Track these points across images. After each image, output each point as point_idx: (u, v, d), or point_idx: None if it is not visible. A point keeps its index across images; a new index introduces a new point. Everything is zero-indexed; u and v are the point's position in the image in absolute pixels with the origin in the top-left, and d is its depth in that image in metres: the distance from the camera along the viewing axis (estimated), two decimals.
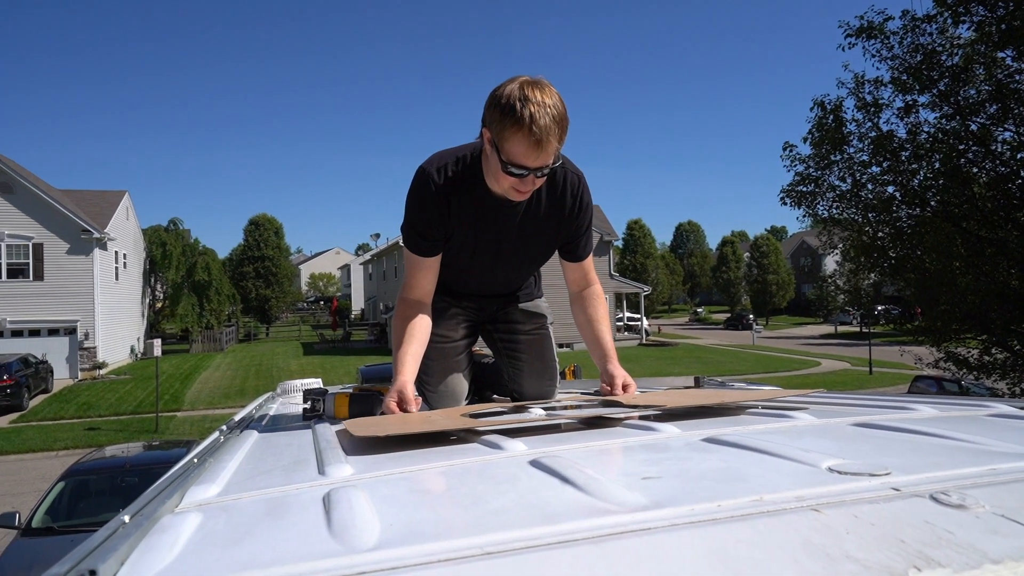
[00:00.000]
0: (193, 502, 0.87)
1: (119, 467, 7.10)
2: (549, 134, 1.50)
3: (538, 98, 1.48)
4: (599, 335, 1.95)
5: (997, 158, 10.42)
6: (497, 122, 1.52)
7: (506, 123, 1.50)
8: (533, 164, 1.55)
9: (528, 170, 1.55)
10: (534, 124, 1.47)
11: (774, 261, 54.75)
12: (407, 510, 0.75)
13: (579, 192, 1.82)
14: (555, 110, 1.50)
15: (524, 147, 1.51)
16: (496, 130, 1.54)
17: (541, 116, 1.47)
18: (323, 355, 30.77)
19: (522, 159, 1.54)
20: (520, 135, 1.49)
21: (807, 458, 0.85)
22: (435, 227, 1.77)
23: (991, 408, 1.29)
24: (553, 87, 1.54)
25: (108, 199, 28.02)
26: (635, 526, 0.62)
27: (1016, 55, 9.90)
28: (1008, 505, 0.64)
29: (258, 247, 41.05)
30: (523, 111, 1.47)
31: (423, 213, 1.76)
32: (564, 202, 1.81)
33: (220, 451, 1.38)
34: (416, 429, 1.27)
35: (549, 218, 1.82)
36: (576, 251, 1.95)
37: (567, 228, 1.86)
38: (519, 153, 1.53)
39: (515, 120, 1.48)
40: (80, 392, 20.41)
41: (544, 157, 1.54)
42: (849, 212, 12.11)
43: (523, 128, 1.48)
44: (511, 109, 1.48)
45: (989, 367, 11.02)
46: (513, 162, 1.54)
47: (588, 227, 1.92)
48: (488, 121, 1.57)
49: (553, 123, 1.49)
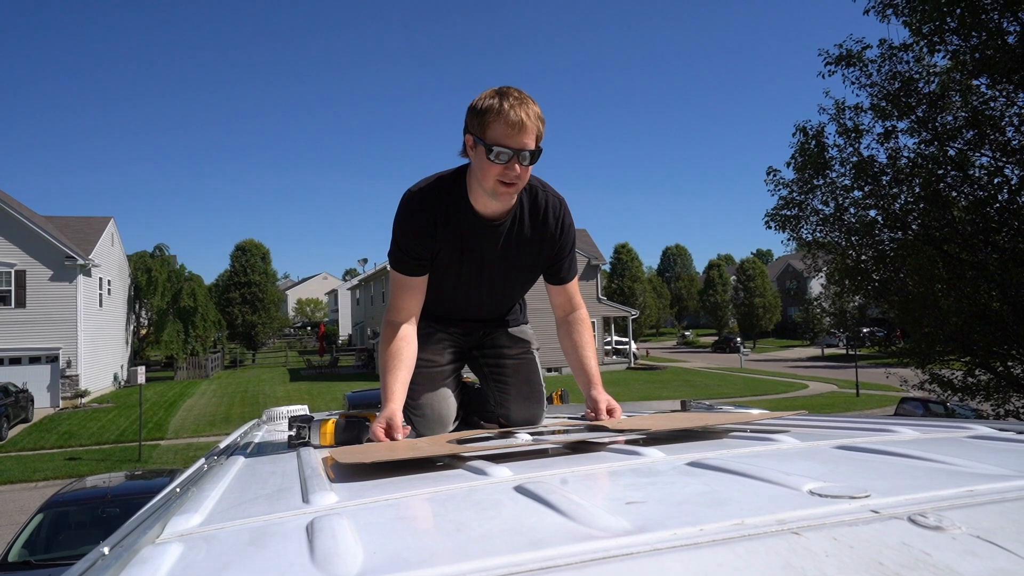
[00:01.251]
0: (175, 532, 0.87)
1: (100, 498, 6.94)
2: (528, 116, 1.61)
3: (515, 94, 1.64)
4: (584, 360, 1.97)
5: (975, 182, 10.62)
6: (477, 118, 1.64)
7: (486, 115, 1.63)
8: (516, 144, 1.62)
9: (512, 150, 1.62)
10: (512, 108, 1.61)
11: (760, 284, 55.19)
12: (391, 538, 0.75)
13: (561, 214, 1.87)
14: (529, 101, 1.64)
15: (505, 127, 1.61)
16: (477, 125, 1.65)
17: (519, 103, 1.62)
18: (310, 381, 30.48)
19: (504, 139, 1.62)
20: (501, 118, 1.61)
21: (789, 481, 0.86)
22: (421, 246, 1.81)
23: (971, 430, 1.31)
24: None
25: (93, 225, 27.85)
26: (618, 551, 0.63)
27: (990, 83, 10.15)
28: (984, 526, 0.64)
29: (244, 272, 40.83)
30: (502, 101, 1.62)
31: (409, 233, 1.80)
32: (547, 224, 1.86)
33: (203, 480, 1.36)
34: (402, 456, 1.27)
35: (532, 240, 1.87)
36: (560, 274, 1.99)
37: (550, 250, 1.91)
38: (501, 134, 1.62)
39: (494, 108, 1.61)
40: (61, 421, 20.06)
41: (525, 138, 1.63)
42: (832, 235, 12.27)
43: (503, 112, 1.61)
44: (489, 104, 1.63)
45: (973, 389, 11.11)
46: (497, 143, 1.62)
47: (571, 250, 1.96)
48: (469, 125, 1.67)
49: (530, 110, 1.62)
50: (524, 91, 1.67)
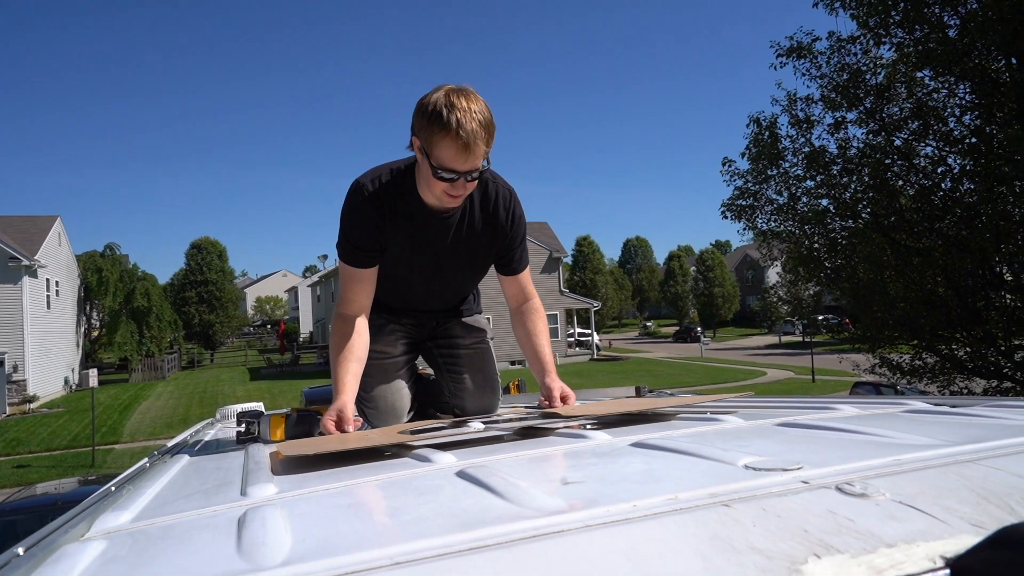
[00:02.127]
0: (101, 530, 0.83)
1: (50, 505, 6.67)
2: (476, 138, 1.53)
3: (464, 104, 1.52)
4: (538, 348, 1.96)
5: (920, 172, 10.96)
6: (425, 129, 1.55)
7: (434, 129, 1.53)
8: (462, 168, 1.57)
9: (458, 174, 1.58)
10: (461, 129, 1.50)
11: (719, 274, 56.19)
12: (323, 525, 0.73)
13: (511, 205, 1.86)
14: (481, 115, 1.54)
15: (453, 151, 1.54)
16: (424, 136, 1.56)
17: (468, 121, 1.51)
18: (271, 380, 29.95)
19: (451, 163, 1.56)
20: (448, 140, 1.52)
21: (726, 457, 0.87)
22: (370, 238, 1.78)
23: (907, 405, 1.35)
24: (479, 95, 1.58)
25: (39, 224, 26.82)
26: (548, 529, 0.62)
27: (933, 75, 10.48)
28: (906, 492, 0.66)
29: (201, 271, 39.90)
30: (450, 117, 1.50)
31: (358, 224, 1.76)
32: (497, 215, 1.84)
33: (141, 478, 1.32)
34: (350, 447, 1.25)
35: (483, 232, 1.85)
36: (512, 264, 1.97)
37: (501, 241, 1.89)
38: (448, 157, 1.55)
39: (442, 126, 1.51)
40: (8, 428, 19.31)
41: (473, 160, 1.57)
42: (787, 225, 12.53)
43: (450, 133, 1.51)
44: (438, 115, 1.51)
45: (920, 371, 11.50)
46: (443, 166, 1.57)
47: (522, 240, 1.95)
48: (416, 129, 1.59)
49: (480, 127, 1.53)
50: (474, 95, 1.57)
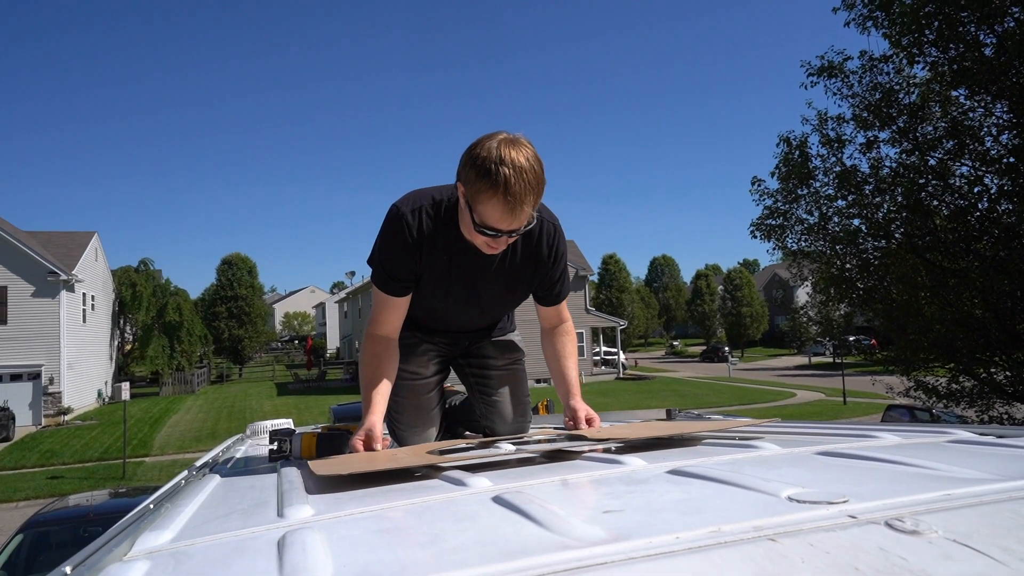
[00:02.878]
0: (143, 550, 0.84)
1: (82, 517, 6.80)
2: (523, 202, 1.47)
3: (515, 160, 1.45)
4: (565, 371, 1.95)
5: (956, 191, 10.76)
6: (473, 183, 1.48)
7: (481, 185, 1.46)
8: (506, 228, 1.53)
9: (501, 232, 1.54)
10: (509, 191, 1.44)
11: (747, 294, 55.52)
12: (363, 551, 0.73)
13: (555, 242, 1.81)
14: (531, 174, 1.46)
15: (499, 212, 1.49)
16: (471, 190, 1.50)
17: (516, 182, 1.44)
18: (297, 395, 30.24)
19: (495, 223, 1.51)
20: (495, 200, 1.47)
21: (768, 487, 0.85)
22: (406, 269, 1.75)
23: (951, 435, 1.31)
24: (531, 146, 1.51)
25: (76, 240, 27.59)
26: (591, 560, 0.62)
27: (968, 94, 10.32)
28: (960, 530, 0.64)
29: (231, 287, 40.57)
30: (498, 176, 1.44)
31: (394, 255, 1.72)
32: (540, 252, 1.80)
33: (179, 496, 1.34)
34: (381, 467, 1.25)
35: (525, 266, 1.81)
36: (551, 297, 1.95)
37: (543, 275, 1.86)
38: (493, 217, 1.50)
39: (490, 183, 1.45)
40: (43, 439, 19.74)
41: (517, 221, 1.52)
42: (817, 244, 12.36)
43: (498, 194, 1.45)
44: (486, 172, 1.45)
45: (957, 395, 11.20)
46: (486, 224, 1.52)
47: (563, 273, 1.91)
48: (463, 178, 1.53)
49: (528, 188, 1.46)
50: (527, 148, 1.49)
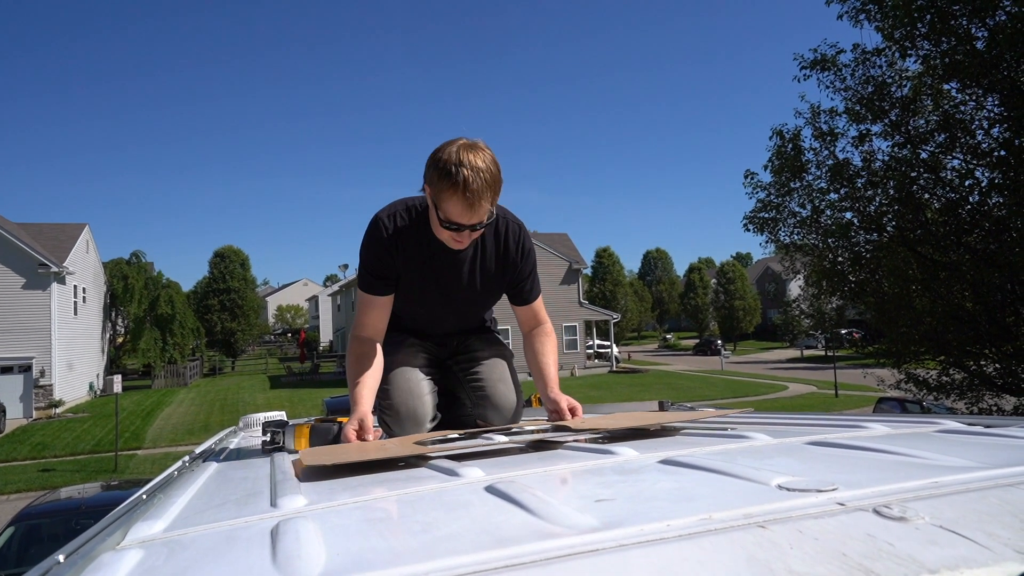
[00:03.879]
0: (136, 539, 0.85)
1: (74, 510, 6.78)
2: (481, 197, 1.65)
3: (472, 162, 1.63)
4: (543, 367, 2.05)
5: (947, 185, 10.81)
6: (435, 183, 1.67)
7: (443, 185, 1.65)
8: (467, 222, 1.70)
9: (462, 227, 1.71)
10: (467, 189, 1.63)
11: (740, 287, 55.69)
12: (356, 539, 0.74)
13: (520, 239, 1.99)
14: (487, 174, 1.65)
15: (459, 208, 1.66)
16: (435, 190, 1.69)
17: (474, 180, 1.63)
18: (291, 388, 30.19)
19: (457, 217, 1.69)
20: (456, 198, 1.65)
21: (758, 476, 0.86)
22: (385, 267, 1.91)
23: (940, 425, 1.33)
24: (489, 150, 1.70)
25: (67, 232, 27.39)
26: (583, 548, 0.62)
27: (960, 87, 10.35)
28: (947, 516, 0.65)
29: (223, 279, 40.42)
30: (457, 176, 1.62)
31: (374, 254, 1.90)
32: (508, 249, 1.97)
33: (171, 486, 1.34)
34: (372, 456, 1.26)
35: (496, 265, 1.98)
36: (523, 295, 2.08)
37: (512, 273, 2.01)
38: (455, 212, 1.68)
39: (451, 183, 1.63)
40: (35, 432, 19.65)
41: (477, 216, 1.69)
42: (809, 238, 12.40)
43: (458, 191, 1.63)
44: (447, 173, 1.63)
45: (947, 387, 11.28)
46: (449, 220, 1.70)
47: (532, 271, 2.06)
48: (428, 180, 1.72)
49: (485, 186, 1.64)
50: (483, 151, 1.67)
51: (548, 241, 34.12)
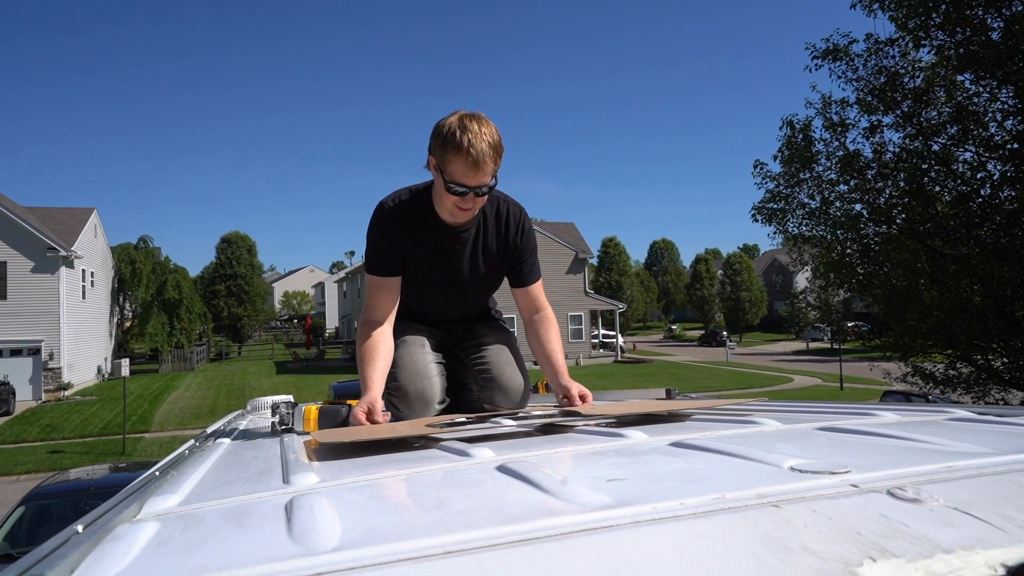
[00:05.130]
0: (151, 512, 0.85)
1: (83, 490, 6.85)
2: (485, 156, 1.70)
3: (475, 127, 1.69)
4: (550, 354, 2.06)
5: (958, 177, 10.72)
6: (440, 148, 1.73)
7: (448, 148, 1.70)
8: (472, 183, 1.74)
9: (468, 188, 1.75)
10: (472, 148, 1.68)
11: (747, 279, 55.49)
12: (370, 514, 0.74)
13: (521, 221, 2.05)
14: (491, 137, 1.71)
15: (464, 168, 1.71)
16: (439, 155, 1.74)
17: (479, 141, 1.68)
18: (296, 374, 30.34)
19: (463, 179, 1.73)
20: (460, 157, 1.70)
21: (770, 459, 0.86)
22: (391, 247, 1.96)
23: (951, 413, 1.32)
24: (489, 120, 1.75)
25: (76, 216, 27.49)
26: (597, 524, 0.62)
27: (974, 78, 10.24)
28: (961, 499, 0.65)
29: (230, 265, 40.51)
30: (462, 137, 1.68)
31: (380, 237, 1.95)
32: (508, 230, 2.02)
33: (184, 464, 1.35)
34: (382, 436, 1.26)
35: (495, 245, 2.03)
36: (522, 277, 2.12)
37: (512, 253, 2.06)
38: (460, 174, 1.72)
39: (455, 144, 1.69)
40: (44, 414, 19.84)
41: (481, 177, 1.74)
42: (818, 229, 12.34)
43: (462, 151, 1.68)
44: (451, 136, 1.69)
45: (954, 381, 11.25)
46: (455, 181, 1.74)
47: (532, 253, 2.11)
48: (433, 148, 1.77)
49: (489, 147, 1.70)
50: (486, 120, 1.73)
51: (554, 230, 34.05)
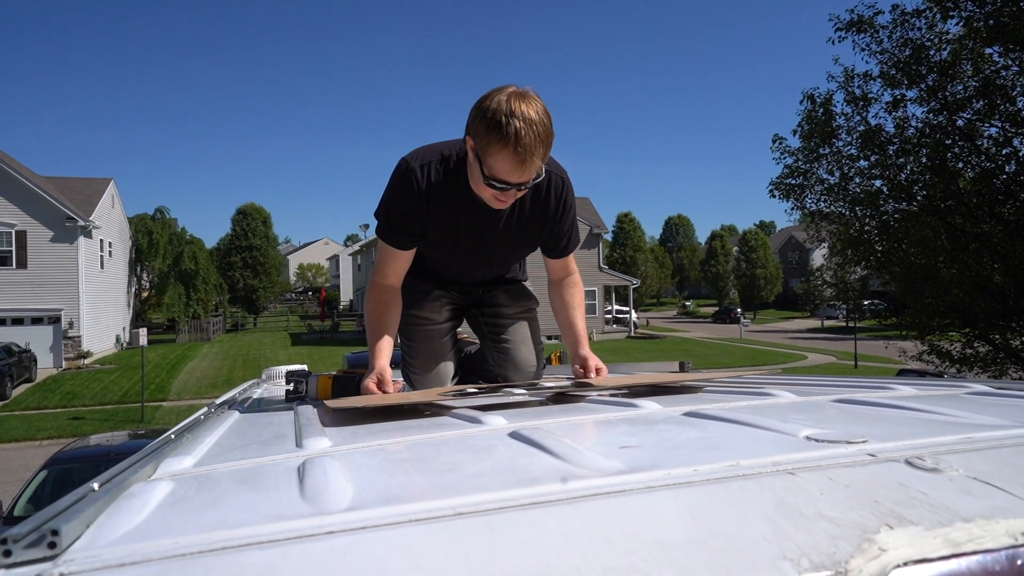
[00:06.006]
0: (167, 472, 0.86)
1: (103, 456, 7.00)
2: (533, 153, 1.45)
3: (525, 113, 1.43)
4: (573, 320, 1.96)
5: (983, 153, 10.50)
6: (482, 135, 1.47)
7: (491, 138, 1.45)
8: (516, 180, 1.52)
9: (510, 185, 1.53)
10: (519, 143, 1.43)
11: (762, 255, 55.02)
12: (382, 477, 0.75)
13: (563, 194, 1.79)
14: (540, 127, 1.45)
15: (508, 164, 1.47)
16: (481, 143, 1.49)
17: (526, 133, 1.42)
18: (311, 345, 30.65)
19: (505, 175, 1.50)
20: (504, 152, 1.45)
21: (786, 428, 0.85)
22: (413, 224, 1.75)
23: (969, 388, 1.30)
24: (540, 99, 1.49)
25: (93, 187, 27.68)
26: (610, 488, 0.62)
27: (1003, 51, 9.96)
28: (981, 469, 0.64)
29: (246, 237, 40.72)
30: (508, 128, 1.42)
31: (402, 209, 1.72)
32: (548, 204, 1.79)
33: (199, 428, 1.37)
34: (395, 403, 1.27)
35: (533, 219, 1.81)
36: (558, 250, 1.94)
37: (551, 227, 1.84)
38: (503, 170, 1.49)
39: (500, 136, 1.43)
40: (64, 381, 20.22)
41: (527, 174, 1.51)
42: (836, 205, 12.18)
43: (508, 146, 1.44)
44: (496, 124, 1.43)
45: (971, 360, 11.15)
46: (495, 177, 1.51)
47: (572, 226, 1.90)
48: (473, 131, 1.51)
49: (537, 140, 1.45)
50: (536, 101, 1.47)
51: None
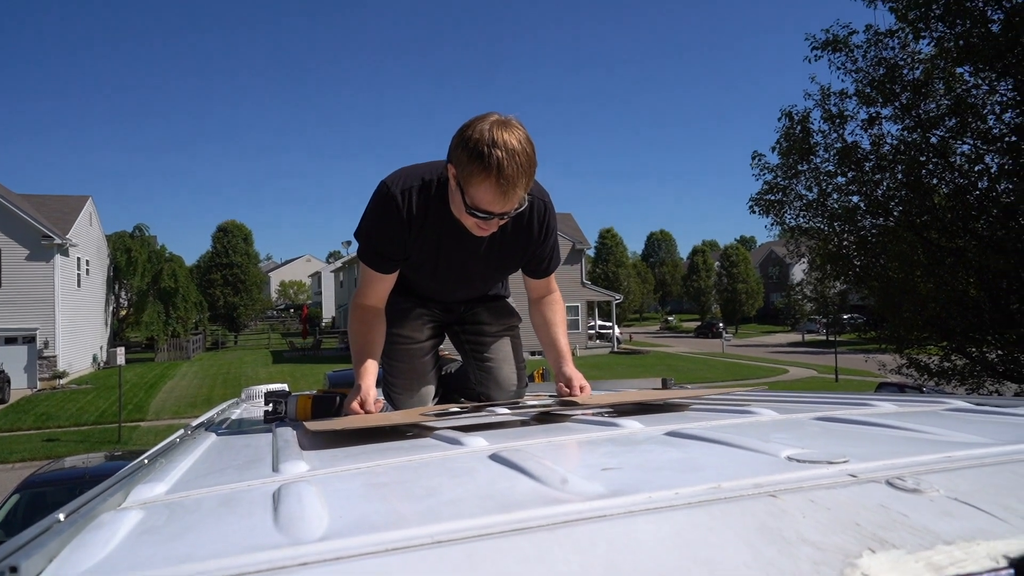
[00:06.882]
0: (137, 500, 0.84)
1: (78, 478, 6.83)
2: (516, 184, 1.44)
3: (507, 143, 1.41)
4: (555, 337, 1.96)
5: (956, 170, 10.71)
6: (464, 165, 1.45)
7: (473, 168, 1.43)
8: (498, 210, 1.50)
9: (492, 215, 1.51)
10: (501, 174, 1.41)
11: (743, 270, 55.53)
12: (359, 503, 0.73)
13: (545, 218, 1.79)
14: (523, 157, 1.43)
15: (491, 195, 1.45)
16: (463, 172, 1.47)
17: (509, 164, 1.41)
18: (293, 363, 30.32)
19: (487, 206, 1.48)
20: (487, 183, 1.44)
21: (767, 448, 0.85)
22: (394, 248, 1.74)
23: (948, 404, 1.31)
24: (523, 128, 1.47)
25: (70, 204, 27.33)
26: (591, 513, 0.61)
27: (973, 70, 10.20)
28: (961, 489, 0.64)
29: (226, 254, 40.41)
30: (490, 159, 1.40)
31: (382, 234, 1.71)
32: (531, 229, 1.79)
33: (174, 452, 1.34)
34: (375, 424, 1.25)
35: (516, 244, 1.81)
36: (540, 271, 1.95)
37: (533, 251, 1.85)
38: (485, 200, 1.47)
39: (483, 167, 1.42)
40: (39, 402, 19.79)
41: (509, 204, 1.49)
42: (815, 221, 12.33)
43: (490, 177, 1.42)
44: (479, 155, 1.41)
45: (949, 373, 11.28)
46: (478, 207, 1.49)
47: (553, 247, 1.91)
48: (455, 160, 1.49)
49: (520, 171, 1.43)
50: (519, 130, 1.45)
51: None
